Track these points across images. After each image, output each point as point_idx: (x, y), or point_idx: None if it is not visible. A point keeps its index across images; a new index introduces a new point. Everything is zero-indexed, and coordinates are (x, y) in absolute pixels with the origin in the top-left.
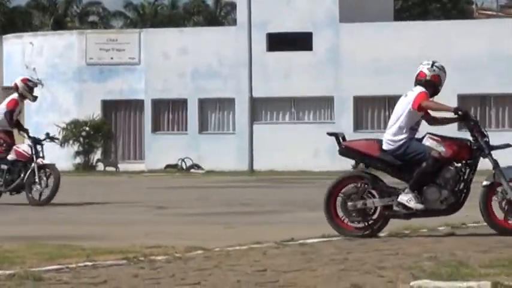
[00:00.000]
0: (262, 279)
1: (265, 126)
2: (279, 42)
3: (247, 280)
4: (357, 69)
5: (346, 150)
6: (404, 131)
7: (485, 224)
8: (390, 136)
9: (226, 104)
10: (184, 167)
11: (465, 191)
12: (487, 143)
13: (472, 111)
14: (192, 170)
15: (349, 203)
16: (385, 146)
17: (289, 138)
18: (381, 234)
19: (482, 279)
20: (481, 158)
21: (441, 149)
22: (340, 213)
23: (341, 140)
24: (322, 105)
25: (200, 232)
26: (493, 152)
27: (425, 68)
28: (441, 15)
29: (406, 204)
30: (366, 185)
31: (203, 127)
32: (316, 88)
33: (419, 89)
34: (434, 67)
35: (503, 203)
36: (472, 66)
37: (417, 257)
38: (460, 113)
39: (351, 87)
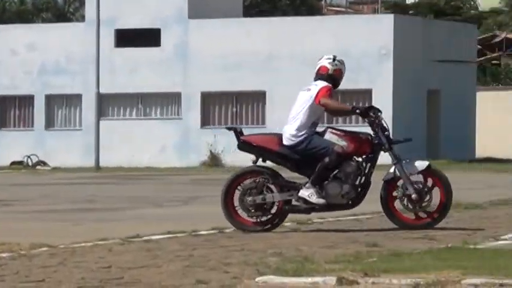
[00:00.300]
0: (107, 276)
1: (112, 123)
2: (127, 38)
3: (92, 277)
4: (205, 65)
5: (244, 145)
6: (306, 126)
7: (386, 216)
8: (291, 131)
9: (74, 100)
10: (30, 164)
11: (365, 185)
12: (388, 137)
13: None
14: (38, 167)
15: (248, 198)
16: (285, 141)
17: (136, 134)
18: (227, 230)
19: (328, 275)
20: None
21: (343, 143)
22: (239, 208)
23: (239, 134)
24: (170, 101)
25: (46, 229)
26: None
27: (327, 62)
28: (290, 11)
29: (308, 199)
30: (265, 180)
31: (50, 123)
32: (164, 84)
33: (322, 83)
34: (336, 61)
35: (404, 198)
36: None
37: (262, 252)
38: (358, 111)
39: (198, 83)
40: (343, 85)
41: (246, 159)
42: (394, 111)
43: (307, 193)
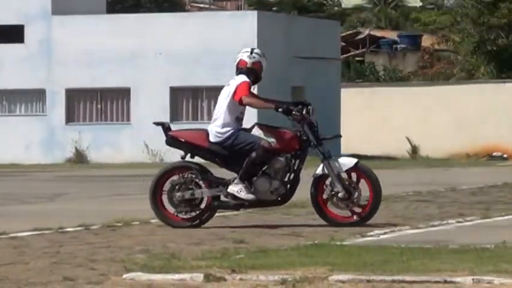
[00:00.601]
0: None
1: None
2: None
3: None
4: (70, 62)
5: (173, 140)
6: (229, 122)
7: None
8: (217, 128)
9: None
10: None
11: (295, 181)
12: (316, 133)
13: (184, 103)
14: None
15: (177, 194)
16: (212, 138)
17: (0, 131)
18: (93, 227)
19: (195, 271)
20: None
21: (271, 139)
22: (167, 204)
23: (167, 130)
24: (34, 98)
25: None
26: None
27: (245, 56)
28: (154, 7)
29: (237, 194)
30: (193, 176)
31: None
32: (28, 81)
33: (241, 78)
34: (254, 54)
35: (333, 196)
36: (184, 59)
37: (129, 249)
38: (280, 110)
39: (63, 79)
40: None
41: (113, 156)
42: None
43: (236, 189)
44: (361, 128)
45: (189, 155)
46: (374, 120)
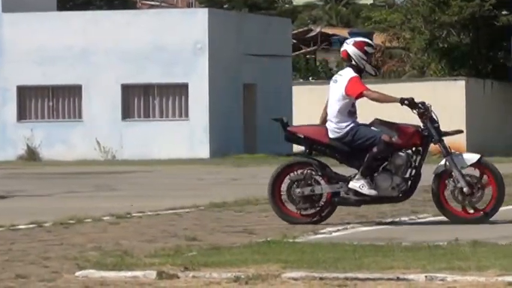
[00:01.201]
0: None
1: None
2: None
3: None
4: (21, 59)
5: (292, 136)
6: (345, 117)
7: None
8: (335, 124)
9: None
10: None
11: (416, 177)
12: (438, 129)
13: (136, 101)
14: None
15: (297, 190)
16: (331, 134)
17: None
18: (46, 224)
19: (148, 269)
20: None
21: (393, 134)
22: (286, 201)
23: (286, 125)
24: None
25: None
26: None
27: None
28: (104, 5)
29: (359, 190)
30: (313, 171)
31: None
32: None
33: (350, 73)
34: (345, 42)
35: (455, 191)
36: (135, 56)
37: (82, 247)
38: (406, 102)
39: (14, 77)
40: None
41: (65, 153)
42: (210, 106)
43: (358, 184)
44: None
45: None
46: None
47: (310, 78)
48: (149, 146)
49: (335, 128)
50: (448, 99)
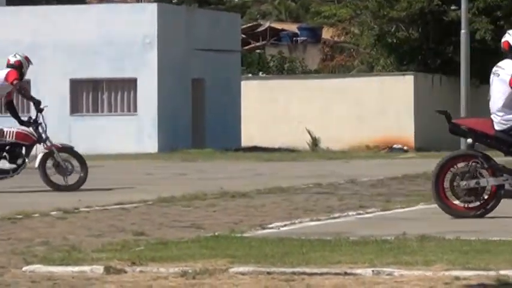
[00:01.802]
0: None
1: None
2: None
3: None
4: None
5: (456, 128)
6: (510, 109)
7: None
8: (500, 118)
9: None
10: None
11: None
12: None
13: (84, 95)
14: None
15: (462, 183)
16: (497, 126)
17: None
18: None
19: (95, 264)
20: None
21: None
22: (448, 193)
23: (449, 118)
24: None
25: None
26: None
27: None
28: None
29: None
30: (477, 164)
31: None
32: None
33: (510, 66)
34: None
35: None
36: (84, 51)
37: (29, 241)
38: None
39: None
40: (108, 73)
41: None
42: (159, 101)
43: None
44: (261, 120)
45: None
46: (275, 112)
47: (260, 73)
48: (97, 140)
49: (501, 121)
50: (397, 94)
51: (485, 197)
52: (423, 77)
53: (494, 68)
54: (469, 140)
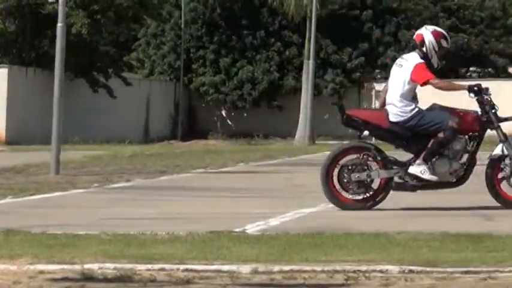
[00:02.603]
0: None
1: None
2: None
3: None
4: None
5: (351, 120)
6: (409, 101)
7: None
8: (399, 108)
9: None
10: None
11: (471, 163)
12: (496, 115)
13: None
14: None
15: (353, 175)
16: (393, 118)
17: None
18: None
19: None
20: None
21: (455, 120)
22: (338, 185)
23: (343, 110)
24: None
25: None
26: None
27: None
28: None
29: (420, 175)
30: (368, 156)
31: None
32: None
33: (416, 58)
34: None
35: (510, 176)
36: None
37: None
38: (476, 89)
39: None
40: None
41: None
42: None
43: (419, 169)
44: None
45: (365, 133)
46: None
47: None
48: None
49: (399, 112)
50: None
51: (375, 189)
52: (17, 70)
53: (399, 59)
54: (366, 132)
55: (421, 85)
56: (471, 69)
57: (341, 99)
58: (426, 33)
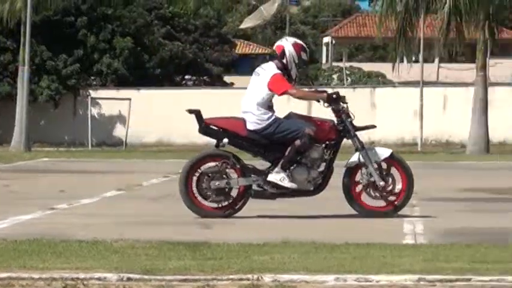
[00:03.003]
0: None
1: None
2: None
3: None
4: None
5: (209, 128)
6: (265, 109)
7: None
8: (256, 116)
9: None
10: None
11: (328, 171)
12: (352, 124)
13: None
14: None
15: (212, 182)
16: (251, 126)
17: None
18: None
19: None
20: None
21: (311, 127)
22: (196, 193)
23: (201, 117)
24: None
25: None
26: None
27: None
28: None
29: (279, 183)
30: (227, 164)
31: None
32: None
33: (273, 69)
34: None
35: (369, 185)
36: None
37: None
38: (334, 96)
39: None
40: None
41: None
42: None
43: (278, 177)
44: None
45: (225, 141)
46: None
47: None
48: None
49: (257, 120)
50: None
51: (233, 196)
52: None
53: (257, 69)
54: (225, 140)
55: (279, 95)
56: (186, 77)
57: (57, 107)
58: (287, 44)
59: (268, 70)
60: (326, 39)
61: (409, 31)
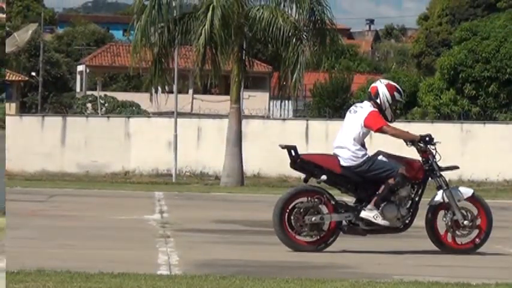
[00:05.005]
0: None
1: None
2: None
3: None
4: None
5: (303, 164)
6: (360, 147)
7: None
8: (352, 152)
9: None
10: None
11: (415, 210)
12: (437, 164)
13: None
14: None
15: (307, 217)
16: (345, 162)
17: None
18: None
19: None
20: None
21: (404, 167)
22: (290, 228)
23: (294, 153)
24: None
25: None
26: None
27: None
28: None
29: (373, 220)
30: (320, 200)
31: None
32: None
33: (370, 107)
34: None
35: (451, 222)
36: None
37: None
38: (427, 139)
39: None
40: None
41: None
42: None
43: (372, 214)
44: None
45: (323, 177)
46: None
47: None
48: None
49: (352, 156)
50: None
51: (325, 230)
52: None
53: (353, 107)
54: (324, 177)
55: (375, 131)
56: None
57: None
58: (380, 86)
59: (365, 108)
60: (80, 68)
61: (164, 62)
